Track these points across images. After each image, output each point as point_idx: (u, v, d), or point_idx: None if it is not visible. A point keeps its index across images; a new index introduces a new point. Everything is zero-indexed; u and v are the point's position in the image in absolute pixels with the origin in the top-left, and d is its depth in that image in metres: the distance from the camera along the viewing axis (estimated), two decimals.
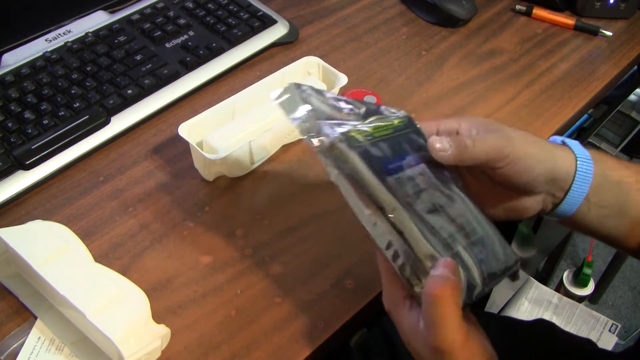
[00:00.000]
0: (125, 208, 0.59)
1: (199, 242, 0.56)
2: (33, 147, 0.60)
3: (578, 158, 0.46)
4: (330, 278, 0.54)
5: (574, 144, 0.48)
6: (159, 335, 0.47)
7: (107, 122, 0.64)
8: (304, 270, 0.54)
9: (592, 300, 1.49)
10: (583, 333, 1.14)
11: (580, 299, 1.27)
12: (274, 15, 0.77)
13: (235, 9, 0.76)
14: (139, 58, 0.69)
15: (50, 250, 0.48)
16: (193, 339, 0.50)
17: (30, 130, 0.61)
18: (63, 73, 0.67)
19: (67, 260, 0.49)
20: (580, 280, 1.27)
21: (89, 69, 0.67)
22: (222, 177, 0.61)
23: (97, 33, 0.71)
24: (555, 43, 0.80)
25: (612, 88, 0.77)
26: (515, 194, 0.48)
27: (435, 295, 0.38)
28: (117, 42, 0.71)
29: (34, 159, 0.59)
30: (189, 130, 0.59)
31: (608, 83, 0.75)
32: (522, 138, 0.45)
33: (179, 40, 0.73)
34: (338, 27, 0.80)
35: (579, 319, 1.16)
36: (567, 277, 1.29)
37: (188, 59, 0.70)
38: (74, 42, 0.70)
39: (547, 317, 1.16)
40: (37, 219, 0.54)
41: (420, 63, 0.76)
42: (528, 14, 0.84)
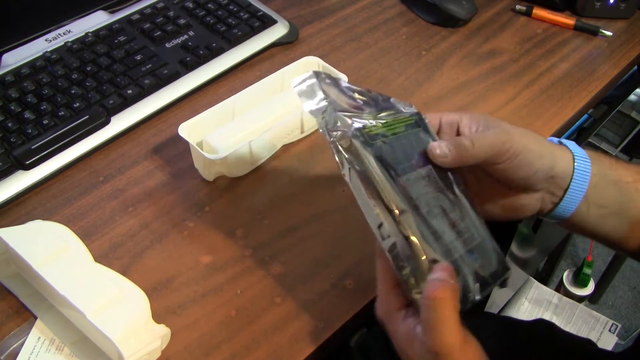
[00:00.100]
0: (125, 208, 0.59)
1: (199, 242, 0.56)
2: (33, 147, 0.60)
3: (575, 157, 0.46)
4: (330, 278, 0.54)
5: (571, 144, 0.48)
6: (159, 335, 0.47)
7: (107, 122, 0.64)
8: (304, 270, 0.54)
9: (592, 300, 1.49)
10: (583, 333, 1.14)
11: (580, 299, 1.27)
12: (274, 15, 0.77)
13: (235, 9, 0.76)
14: (139, 58, 0.69)
15: (50, 250, 0.48)
16: (193, 339, 0.50)
17: (30, 130, 0.61)
18: (63, 73, 0.67)
19: (67, 260, 0.49)
20: (580, 280, 1.26)
21: (89, 69, 0.67)
22: (222, 177, 0.61)
23: (97, 33, 0.71)
24: (555, 43, 0.80)
25: (612, 88, 0.77)
26: (515, 192, 0.48)
27: (435, 298, 0.37)
28: (117, 42, 0.71)
29: (34, 159, 0.59)
30: (189, 130, 0.59)
31: (608, 83, 0.75)
32: (521, 134, 0.45)
33: (179, 40, 0.73)
34: (338, 27, 0.80)
35: (579, 319, 1.16)
36: (567, 277, 1.29)
37: (188, 59, 0.70)
38: (74, 42, 0.70)
39: (547, 317, 1.15)
40: (37, 219, 0.54)
41: (420, 63, 0.76)
42: (528, 14, 0.84)
